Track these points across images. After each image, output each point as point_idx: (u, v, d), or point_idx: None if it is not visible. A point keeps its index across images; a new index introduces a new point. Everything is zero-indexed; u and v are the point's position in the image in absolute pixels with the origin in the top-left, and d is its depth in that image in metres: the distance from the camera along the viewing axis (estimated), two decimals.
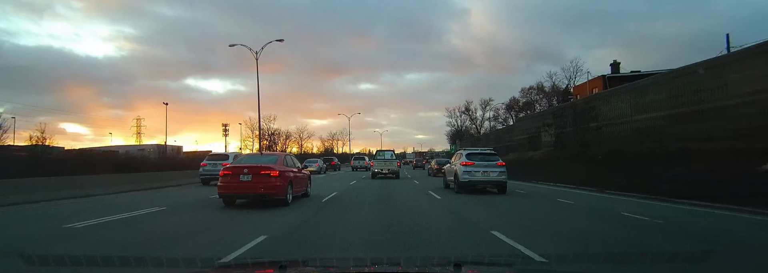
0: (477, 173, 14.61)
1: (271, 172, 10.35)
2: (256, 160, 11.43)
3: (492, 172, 14.69)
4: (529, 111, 59.52)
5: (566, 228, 7.87)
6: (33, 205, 11.21)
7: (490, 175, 14.67)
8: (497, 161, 15.11)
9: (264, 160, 11.12)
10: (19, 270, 4.75)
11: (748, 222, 8.76)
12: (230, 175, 10.39)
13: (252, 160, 11.36)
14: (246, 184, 10.24)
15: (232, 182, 10.31)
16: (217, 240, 6.42)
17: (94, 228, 7.45)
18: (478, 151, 16.34)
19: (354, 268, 2.65)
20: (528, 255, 5.23)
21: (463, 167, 14.82)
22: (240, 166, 10.58)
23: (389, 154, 27.91)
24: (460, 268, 2.28)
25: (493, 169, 14.76)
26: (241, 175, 10.28)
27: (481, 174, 14.62)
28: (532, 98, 61.35)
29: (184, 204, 11.73)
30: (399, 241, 6.19)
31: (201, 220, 8.62)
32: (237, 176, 10.30)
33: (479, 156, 15.25)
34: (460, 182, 14.82)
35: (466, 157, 15.13)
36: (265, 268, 3.25)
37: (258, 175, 10.27)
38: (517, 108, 64.79)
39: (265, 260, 4.71)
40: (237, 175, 10.31)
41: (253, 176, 10.24)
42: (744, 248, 6.19)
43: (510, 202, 12.45)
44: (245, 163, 10.85)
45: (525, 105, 62.44)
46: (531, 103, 61.29)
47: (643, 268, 4.82)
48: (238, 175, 10.29)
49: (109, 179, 16.87)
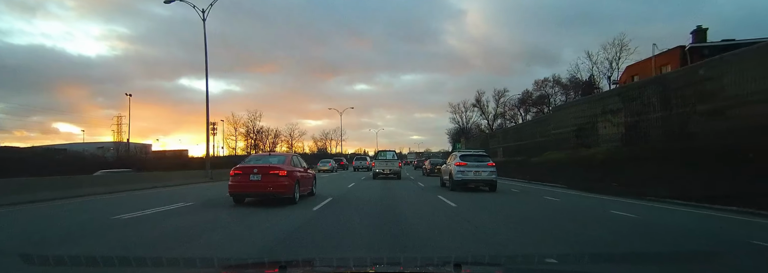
0: (469, 173, 16.10)
1: (280, 172, 10.88)
2: (265, 160, 11.95)
3: (483, 172, 16.22)
4: (544, 106, 58.02)
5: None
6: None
7: (482, 175, 16.26)
8: (488, 162, 16.81)
9: (273, 161, 11.64)
10: None
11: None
12: (241, 174, 10.93)
13: (261, 161, 11.89)
14: (256, 184, 10.77)
15: (243, 181, 10.85)
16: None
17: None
18: (471, 152, 18.07)
19: (354, 268, 2.65)
20: None
21: (457, 167, 16.30)
22: (250, 166, 11.11)
23: (391, 154, 27.73)
24: (460, 268, 2.30)
25: (484, 169, 16.27)
26: (251, 175, 10.82)
27: (473, 174, 16.10)
28: (547, 91, 59.37)
29: None
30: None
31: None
32: (247, 176, 10.84)
33: (472, 157, 16.84)
34: (454, 181, 16.32)
35: (460, 159, 16.78)
36: (266, 268, 3.33)
37: (267, 174, 10.79)
38: (530, 102, 62.67)
39: (265, 260, 4.79)
40: (247, 175, 10.84)
41: (262, 176, 10.77)
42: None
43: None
44: (255, 164, 11.39)
45: (539, 99, 60.38)
46: (545, 96, 59.24)
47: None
48: (248, 175, 10.83)
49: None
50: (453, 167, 16.66)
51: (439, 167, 23.70)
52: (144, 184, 18.44)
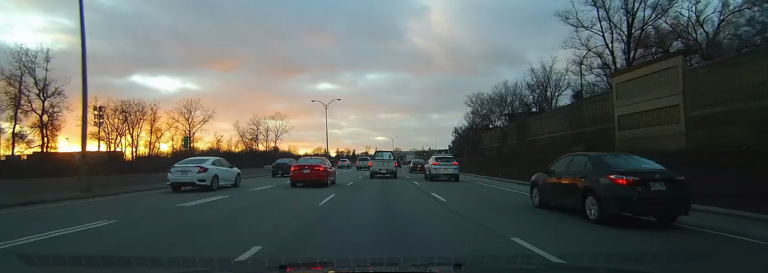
0: (441, 169, 24.34)
1: (320, 168, 18.99)
2: (311, 161, 20.14)
3: (449, 168, 24.43)
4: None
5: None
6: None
7: (449, 170, 24.30)
8: (453, 162, 25.02)
9: (315, 162, 19.80)
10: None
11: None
12: (298, 170, 19.08)
13: (308, 162, 20.05)
14: (306, 174, 18.90)
15: (299, 173, 18.98)
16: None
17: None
18: (443, 155, 27.09)
19: (355, 268, 2.68)
20: None
21: (433, 166, 24.73)
22: (303, 165, 19.30)
23: (388, 155, 29.83)
24: (460, 268, 2.32)
25: (450, 166, 24.55)
26: (303, 169, 18.96)
27: (443, 170, 24.30)
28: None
29: None
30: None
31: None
32: (302, 170, 18.98)
33: (443, 159, 25.48)
34: (431, 174, 24.66)
35: (435, 160, 25.27)
36: (266, 268, 3.56)
37: (312, 169, 18.93)
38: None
39: (264, 259, 4.98)
40: (302, 170, 18.98)
41: (310, 170, 18.92)
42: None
43: None
44: (305, 163, 19.57)
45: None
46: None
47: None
48: (302, 170, 18.97)
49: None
50: (430, 165, 25.20)
51: (420, 166, 34.43)
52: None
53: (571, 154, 10.46)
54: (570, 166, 9.83)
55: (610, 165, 8.68)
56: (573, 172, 9.51)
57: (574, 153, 10.83)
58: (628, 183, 7.99)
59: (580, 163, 9.47)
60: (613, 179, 8.16)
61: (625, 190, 7.96)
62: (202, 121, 62.64)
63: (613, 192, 8.08)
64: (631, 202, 7.91)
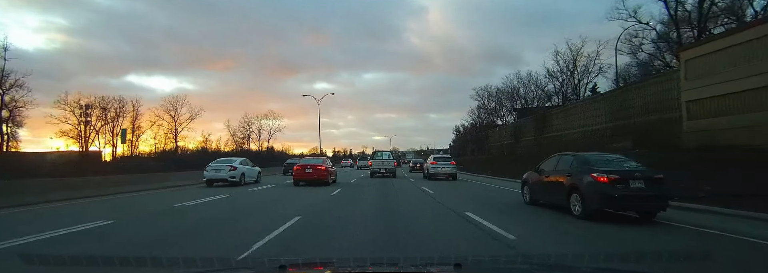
0: (438, 168, 24.91)
1: (321, 167, 19.59)
2: (313, 161, 20.80)
3: (447, 168, 25.02)
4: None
5: None
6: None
7: (446, 170, 24.85)
8: (451, 161, 25.67)
9: (317, 162, 20.42)
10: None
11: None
12: (300, 169, 19.70)
13: (310, 161, 20.67)
14: (309, 173, 19.51)
15: (302, 173, 19.60)
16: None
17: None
18: (441, 155, 28.00)
19: (355, 268, 2.68)
20: None
21: (431, 165, 25.25)
22: (305, 165, 19.90)
23: (387, 154, 29.91)
24: (460, 268, 2.34)
25: (447, 165, 25.16)
26: (306, 169, 19.57)
27: (440, 169, 24.86)
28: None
29: None
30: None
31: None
32: (304, 169, 19.59)
33: (441, 159, 26.19)
34: (429, 173, 25.18)
35: (433, 159, 25.85)
36: (266, 268, 3.54)
37: (314, 168, 19.54)
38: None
39: (264, 260, 5.02)
40: (304, 169, 19.59)
41: (312, 169, 19.52)
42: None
43: None
44: (307, 163, 20.19)
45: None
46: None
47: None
48: (304, 169, 19.57)
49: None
50: (429, 165, 25.76)
51: (419, 165, 35.18)
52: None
53: (559, 154, 11.04)
54: (558, 165, 10.41)
55: (593, 164, 9.25)
56: (560, 170, 10.09)
57: (562, 153, 11.40)
58: (610, 181, 8.57)
59: (567, 162, 10.06)
60: (596, 177, 8.74)
61: (606, 188, 8.55)
62: (189, 118, 58.42)
63: (596, 189, 8.66)
64: (612, 199, 8.49)
